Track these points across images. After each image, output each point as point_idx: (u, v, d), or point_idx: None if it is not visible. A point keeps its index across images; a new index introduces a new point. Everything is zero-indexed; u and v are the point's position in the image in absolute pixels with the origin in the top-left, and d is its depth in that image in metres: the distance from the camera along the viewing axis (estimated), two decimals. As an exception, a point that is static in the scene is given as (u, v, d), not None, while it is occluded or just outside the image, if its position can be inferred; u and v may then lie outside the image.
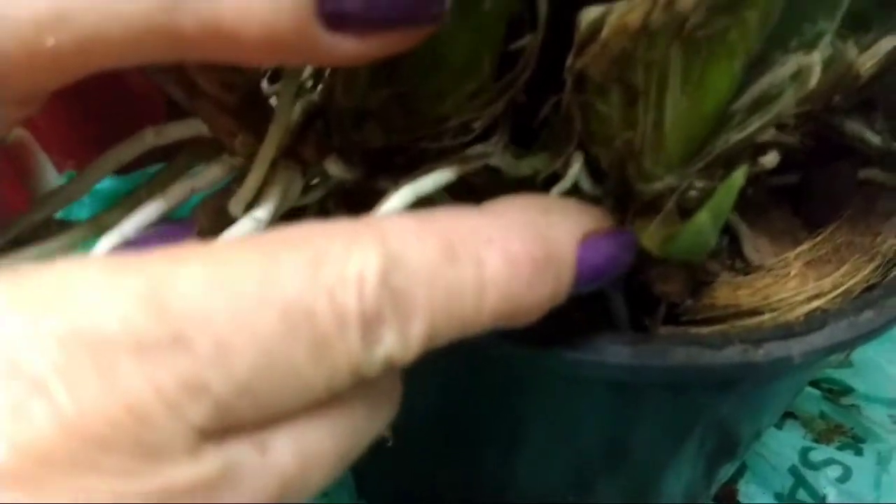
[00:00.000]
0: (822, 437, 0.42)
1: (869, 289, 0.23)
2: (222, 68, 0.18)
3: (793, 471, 0.40)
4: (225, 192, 0.21)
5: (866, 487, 0.39)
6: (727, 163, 0.20)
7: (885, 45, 0.20)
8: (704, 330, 0.22)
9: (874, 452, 0.41)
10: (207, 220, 0.20)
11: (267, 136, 0.19)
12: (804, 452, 0.41)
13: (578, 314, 0.24)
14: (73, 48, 0.14)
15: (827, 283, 0.23)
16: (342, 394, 0.14)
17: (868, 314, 0.22)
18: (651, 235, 0.19)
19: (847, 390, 0.44)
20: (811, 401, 0.43)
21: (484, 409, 0.27)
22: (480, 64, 0.18)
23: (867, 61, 0.20)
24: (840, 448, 0.41)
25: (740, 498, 0.39)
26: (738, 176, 0.16)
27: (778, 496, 0.39)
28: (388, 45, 0.16)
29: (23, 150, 0.25)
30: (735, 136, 0.17)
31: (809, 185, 0.25)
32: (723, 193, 0.17)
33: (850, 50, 0.20)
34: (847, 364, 0.45)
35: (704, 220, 0.17)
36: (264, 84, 0.23)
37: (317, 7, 0.15)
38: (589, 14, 0.17)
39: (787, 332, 0.21)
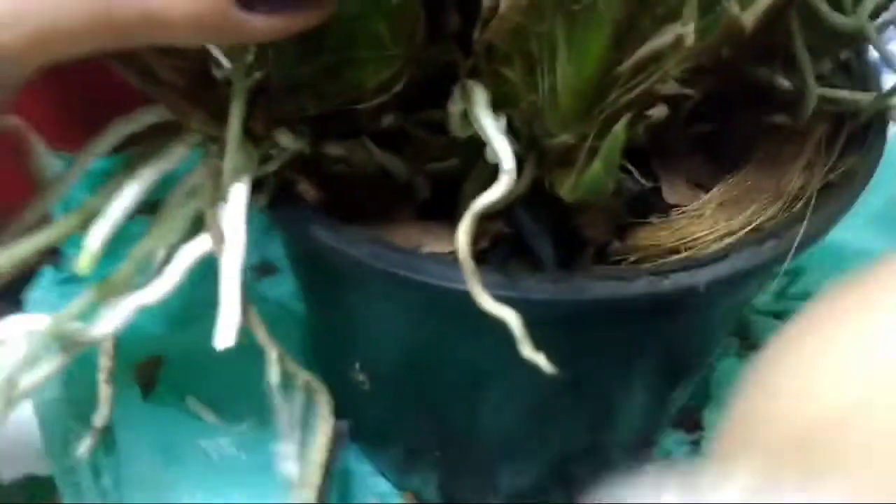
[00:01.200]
0: (783, 366, 0.44)
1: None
2: (173, 55, 0.20)
3: (754, 398, 0.43)
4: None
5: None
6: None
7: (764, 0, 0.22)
8: (623, 267, 0.25)
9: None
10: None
11: (230, 113, 0.22)
12: (765, 380, 0.43)
13: (513, 261, 0.26)
14: (32, 41, 0.18)
15: (737, 222, 0.25)
16: None
17: (770, 243, 0.24)
18: (563, 184, 0.22)
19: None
20: (773, 331, 0.46)
21: (446, 353, 0.30)
22: (385, 37, 0.20)
23: (750, 17, 0.22)
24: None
25: (704, 424, 0.42)
26: (620, 129, 0.19)
27: (740, 422, 0.42)
28: (297, 21, 0.19)
29: (19, 136, 0.28)
30: (623, 95, 0.20)
31: (725, 133, 0.27)
32: (610, 144, 0.19)
33: (733, 7, 0.22)
34: (810, 296, 0.47)
35: (598, 169, 0.20)
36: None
37: None
38: (488, -8, 0.20)
39: (693, 263, 0.23)
